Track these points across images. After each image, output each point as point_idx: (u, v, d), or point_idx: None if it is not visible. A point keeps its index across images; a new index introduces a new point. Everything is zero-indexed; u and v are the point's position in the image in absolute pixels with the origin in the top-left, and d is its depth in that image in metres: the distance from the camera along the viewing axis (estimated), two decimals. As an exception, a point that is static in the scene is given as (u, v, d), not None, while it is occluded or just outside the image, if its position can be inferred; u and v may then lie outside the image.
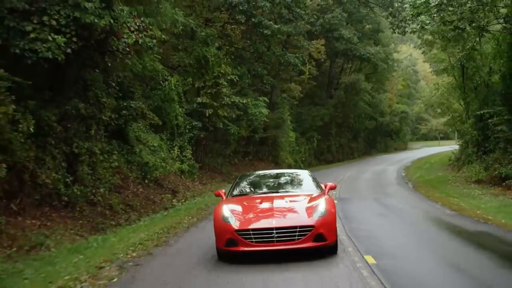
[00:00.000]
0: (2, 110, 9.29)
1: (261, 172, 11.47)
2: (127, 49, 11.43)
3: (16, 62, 10.16)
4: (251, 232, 7.55)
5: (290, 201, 8.53)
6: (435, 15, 19.32)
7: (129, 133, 17.35)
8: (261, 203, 8.46)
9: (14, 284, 6.30)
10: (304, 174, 10.31)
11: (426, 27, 20.58)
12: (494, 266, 7.37)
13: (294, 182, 9.85)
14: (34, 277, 6.64)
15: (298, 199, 8.58)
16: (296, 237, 7.49)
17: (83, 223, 11.69)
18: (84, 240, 9.96)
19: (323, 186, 9.34)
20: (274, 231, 7.48)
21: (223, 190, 9.62)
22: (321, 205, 7.98)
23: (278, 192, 9.12)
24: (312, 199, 8.38)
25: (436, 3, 17.98)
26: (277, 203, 8.29)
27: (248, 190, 9.56)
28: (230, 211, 8.01)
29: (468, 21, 19.76)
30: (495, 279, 6.57)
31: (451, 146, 40.35)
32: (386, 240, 9.51)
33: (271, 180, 10.08)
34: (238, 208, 8.18)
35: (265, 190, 9.44)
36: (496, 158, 20.66)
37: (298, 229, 7.51)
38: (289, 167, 35.12)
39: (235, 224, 7.70)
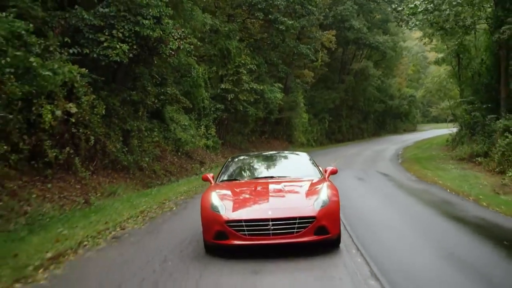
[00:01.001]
0: (86, 98, 13.08)
1: (254, 154, 10.71)
2: (172, 52, 15.08)
3: (94, 64, 13.92)
4: (243, 223, 6.50)
5: (288, 187, 7.52)
6: (424, 17, 22.48)
7: (165, 114, 21.09)
8: (255, 189, 7.40)
9: (115, 210, 10.12)
10: (302, 157, 9.15)
11: (417, 25, 23.75)
12: (422, 206, 10.93)
13: (291, 165, 8.79)
14: (122, 207, 10.46)
15: (297, 185, 7.60)
16: (295, 230, 6.49)
17: (137, 182, 15.53)
18: (142, 191, 13.81)
19: (323, 170, 8.49)
20: (270, 223, 6.47)
21: (211, 174, 8.54)
22: (323, 192, 6.98)
23: (273, 177, 8.04)
24: (312, 185, 7.42)
25: (422, 9, 21.15)
26: (273, 190, 7.30)
27: (240, 174, 8.50)
28: (220, 199, 6.96)
29: (453, 22, 22.89)
30: (421, 211, 10.15)
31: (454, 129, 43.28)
32: (353, 192, 12.96)
33: (266, 163, 9.11)
34: (229, 195, 7.15)
35: (259, 174, 8.39)
36: (475, 139, 24.01)
37: (297, 221, 6.51)
38: (302, 145, 38.76)
39: (225, 214, 6.65)
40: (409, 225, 8.88)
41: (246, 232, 6.52)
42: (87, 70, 13.13)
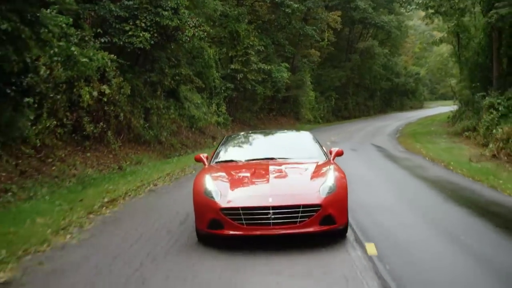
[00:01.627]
0: (115, 81, 15.41)
1: (253, 132, 9.77)
2: (187, 38, 17.32)
3: (120, 50, 16.22)
4: (241, 211, 5.96)
5: (290, 170, 6.99)
6: (420, 1, 24.43)
7: (180, 93, 23.36)
8: (254, 173, 6.84)
9: (145, 173, 12.53)
10: (305, 136, 8.54)
11: (416, 8, 25.66)
12: (398, 169, 13.18)
13: (293, 145, 8.10)
14: (150, 171, 12.87)
15: (300, 169, 7.04)
16: (299, 219, 5.96)
17: (157, 154, 17.92)
18: (164, 160, 16.22)
19: (328, 151, 7.92)
20: (271, 211, 5.93)
21: (205, 154, 7.95)
22: (330, 177, 6.46)
23: (274, 159, 7.37)
24: (317, 168, 6.86)
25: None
26: (274, 174, 6.70)
27: (237, 155, 7.72)
28: (215, 183, 6.39)
29: (448, 6, 24.80)
30: (395, 172, 12.41)
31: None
32: (342, 158, 15.18)
33: (266, 142, 8.48)
34: (225, 179, 6.59)
35: (258, 155, 7.60)
36: (467, 115, 26.13)
37: (301, 209, 5.97)
38: (309, 122, 40.96)
39: (220, 200, 6.09)
40: (383, 181, 11.22)
41: (243, 221, 5.91)
42: (115, 56, 15.43)
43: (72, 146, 13.41)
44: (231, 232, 5.99)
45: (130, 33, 15.92)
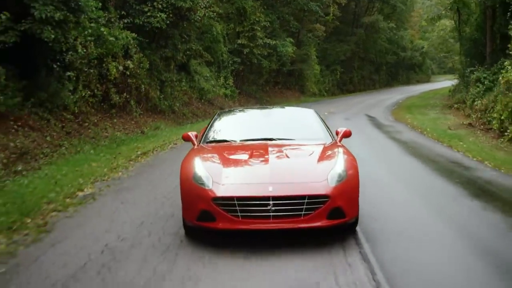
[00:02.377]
0: (136, 56, 18.13)
1: (249, 108, 9.28)
2: (199, 18, 19.96)
3: (139, 29, 18.89)
4: (236, 202, 5.28)
5: (293, 154, 6.19)
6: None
7: (191, 67, 26.04)
8: (251, 155, 6.12)
9: (165, 136, 15.34)
10: (308, 114, 7.79)
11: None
12: (378, 133, 15.87)
13: (295, 124, 7.37)
14: (168, 134, 15.68)
15: (304, 152, 6.32)
16: (303, 212, 5.29)
17: (171, 122, 20.71)
18: (179, 127, 19.03)
19: (334, 132, 7.24)
20: (271, 202, 5.25)
21: (194, 133, 7.27)
22: (339, 162, 5.78)
23: (273, 140, 6.68)
24: (324, 152, 6.19)
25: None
26: (274, 157, 6.01)
27: (230, 135, 6.97)
28: (205, 168, 5.68)
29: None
30: (375, 136, 15.12)
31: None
32: (333, 127, 17.92)
33: (264, 120, 7.65)
34: (217, 162, 5.90)
35: (255, 135, 6.87)
36: (459, 89, 28.67)
37: (306, 200, 5.29)
38: (314, 95, 43.56)
39: (212, 188, 5.39)
40: (361, 140, 13.86)
41: (239, 213, 5.25)
42: (136, 35, 18.12)
43: (101, 113, 16.21)
44: (225, 226, 5.26)
45: (148, 14, 18.57)
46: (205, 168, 5.64)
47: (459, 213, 6.72)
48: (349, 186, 5.57)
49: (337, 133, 7.18)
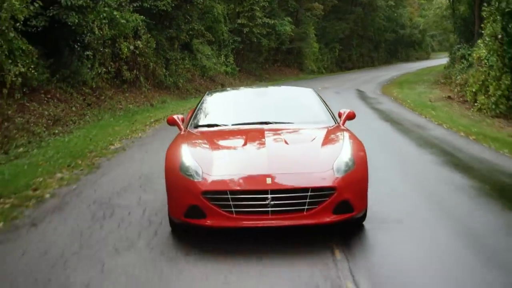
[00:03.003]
0: (145, 37, 20.38)
1: (241, 88, 8.93)
2: (201, 1, 22.16)
3: (147, 12, 21.12)
4: (229, 195, 4.76)
5: (293, 140, 5.63)
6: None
7: (193, 46, 28.28)
8: (245, 142, 5.50)
9: (172, 107, 17.68)
10: (308, 94, 7.28)
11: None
12: (361, 103, 18.16)
13: (293, 106, 6.81)
14: (175, 107, 18.02)
15: (306, 137, 5.79)
16: (306, 207, 4.80)
17: (176, 97, 23.04)
18: (183, 101, 21.38)
19: (337, 114, 6.82)
20: (269, 196, 4.74)
21: (180, 116, 6.80)
22: (346, 149, 5.28)
23: (270, 123, 6.10)
24: (328, 137, 5.69)
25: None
26: (271, 143, 5.46)
27: (221, 118, 6.39)
28: (194, 157, 5.14)
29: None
30: (358, 105, 17.41)
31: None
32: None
33: (258, 102, 6.97)
34: (207, 150, 5.36)
35: (249, 118, 6.27)
36: (448, 65, 30.90)
37: (309, 193, 4.79)
38: (312, 72, 45.74)
39: (202, 180, 4.87)
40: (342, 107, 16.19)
41: (232, 209, 4.77)
42: (144, 17, 20.35)
43: (115, 88, 18.54)
44: (216, 223, 4.79)
45: (155, -3, 20.80)
46: (193, 157, 5.09)
47: (406, 153, 9.15)
48: (357, 176, 5.06)
49: (339, 115, 6.72)
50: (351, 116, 6.72)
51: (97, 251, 4.74)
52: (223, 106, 6.95)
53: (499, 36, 16.35)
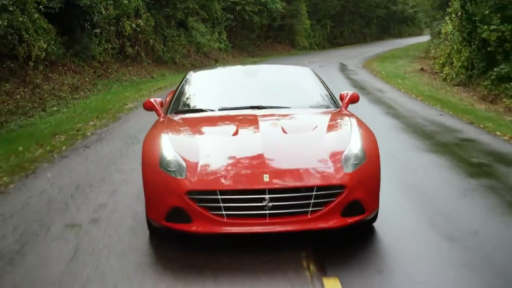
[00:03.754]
0: (145, 16, 23.08)
1: (229, 67, 8.16)
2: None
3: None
4: (219, 196, 4.14)
5: (291, 127, 4.97)
6: None
7: (188, 24, 30.93)
8: (236, 131, 4.83)
9: (171, 79, 20.47)
10: (305, 74, 6.59)
11: None
12: (338, 73, 20.94)
13: (290, 88, 6.16)
14: (174, 78, 20.80)
15: (306, 124, 5.14)
16: (311, 209, 4.18)
17: (173, 71, 25.78)
18: (180, 74, 24.15)
19: (338, 97, 6.13)
20: (267, 197, 4.11)
21: (159, 99, 6.16)
22: (355, 139, 4.63)
23: (263, 108, 5.48)
24: (331, 124, 5.04)
25: None
26: (267, 132, 4.79)
27: (207, 102, 5.74)
28: (176, 149, 4.47)
29: None
30: (335, 74, 20.22)
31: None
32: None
33: (249, 82, 6.28)
34: (192, 142, 4.70)
35: (239, 102, 5.64)
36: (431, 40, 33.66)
37: (315, 193, 4.17)
38: (304, 49, 48.39)
39: (186, 177, 4.22)
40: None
41: (223, 212, 4.13)
42: (144, -2, 23.04)
43: (119, 62, 21.29)
44: (204, 229, 4.17)
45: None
46: (176, 150, 4.45)
47: (358, 107, 11.96)
48: (369, 171, 4.47)
49: (341, 98, 6.10)
50: (354, 99, 6.07)
51: (131, 159, 7.58)
52: (208, 88, 6.22)
53: (459, 14, 19.15)
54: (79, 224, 5.03)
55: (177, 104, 5.81)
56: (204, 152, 4.48)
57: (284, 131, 4.79)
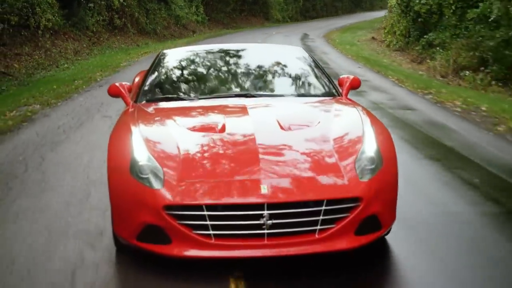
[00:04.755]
0: (129, -9, 26.60)
1: (211, 46, 6.30)
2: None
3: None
4: (205, 212, 3.31)
5: (289, 121, 4.07)
6: None
7: (168, -2, 34.43)
8: (223, 127, 3.95)
9: (155, 47, 24.16)
10: (298, 55, 5.68)
11: None
12: (296, 40, 24.76)
13: (282, 72, 5.42)
14: (157, 46, 24.49)
15: (306, 117, 4.31)
16: (319, 227, 3.40)
17: (155, 41, 29.34)
18: (162, 43, 27.85)
19: (336, 82, 5.25)
20: (265, 213, 3.28)
21: (126, 84, 5.28)
22: (369, 139, 3.81)
23: (252, 96, 4.70)
24: (337, 116, 4.25)
25: None
26: (261, 129, 3.92)
27: (184, 88, 5.10)
28: (152, 151, 3.64)
29: None
30: (293, 40, 24.03)
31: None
32: (271, 38, 26.71)
33: (235, 65, 5.47)
34: (170, 140, 3.82)
35: (223, 89, 5.00)
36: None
37: (324, 208, 3.36)
38: (278, 21, 52.03)
39: (164, 188, 3.39)
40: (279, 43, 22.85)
41: (211, 232, 3.31)
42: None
43: (109, 32, 24.89)
44: (187, 252, 3.36)
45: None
46: (150, 151, 3.59)
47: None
48: (387, 178, 3.62)
49: (340, 83, 5.20)
50: (355, 85, 5.16)
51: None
52: (186, 71, 5.48)
53: (398, -11, 23.10)
54: (110, 115, 8.87)
55: (149, 90, 4.96)
56: (186, 154, 3.60)
57: (282, 128, 3.93)
